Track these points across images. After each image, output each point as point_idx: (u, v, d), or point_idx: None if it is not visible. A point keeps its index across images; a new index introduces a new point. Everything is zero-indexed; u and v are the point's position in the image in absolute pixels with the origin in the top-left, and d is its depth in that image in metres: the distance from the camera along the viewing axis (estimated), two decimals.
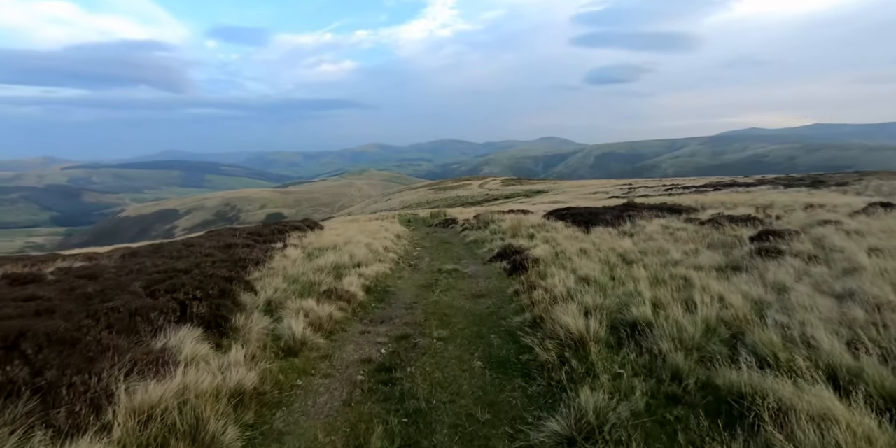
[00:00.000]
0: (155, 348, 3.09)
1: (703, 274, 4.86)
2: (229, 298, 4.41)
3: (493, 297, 5.71)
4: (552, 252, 7.10)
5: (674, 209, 11.92)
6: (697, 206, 14.71)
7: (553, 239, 8.54)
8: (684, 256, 6.13)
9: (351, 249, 8.26)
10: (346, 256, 7.52)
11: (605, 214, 11.05)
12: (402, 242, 12.44)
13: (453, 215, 20.98)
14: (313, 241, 10.14)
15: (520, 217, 13.10)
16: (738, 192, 24.88)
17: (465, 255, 9.72)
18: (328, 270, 6.55)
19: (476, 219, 15.38)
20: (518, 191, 62.51)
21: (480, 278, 6.84)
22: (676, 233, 8.20)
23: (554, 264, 6.16)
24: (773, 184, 31.63)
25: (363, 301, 5.57)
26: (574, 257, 6.42)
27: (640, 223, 9.60)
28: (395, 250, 10.31)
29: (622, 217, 10.58)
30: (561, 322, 3.36)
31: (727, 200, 16.53)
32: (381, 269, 7.36)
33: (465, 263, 8.41)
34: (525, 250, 7.52)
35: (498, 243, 9.35)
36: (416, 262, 9.32)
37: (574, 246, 7.30)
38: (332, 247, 8.86)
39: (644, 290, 4.07)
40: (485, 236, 11.28)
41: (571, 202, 29.99)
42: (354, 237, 10.78)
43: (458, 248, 11.15)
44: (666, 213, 10.94)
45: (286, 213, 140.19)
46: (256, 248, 8.81)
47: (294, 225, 14.08)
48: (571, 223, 10.75)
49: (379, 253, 9.03)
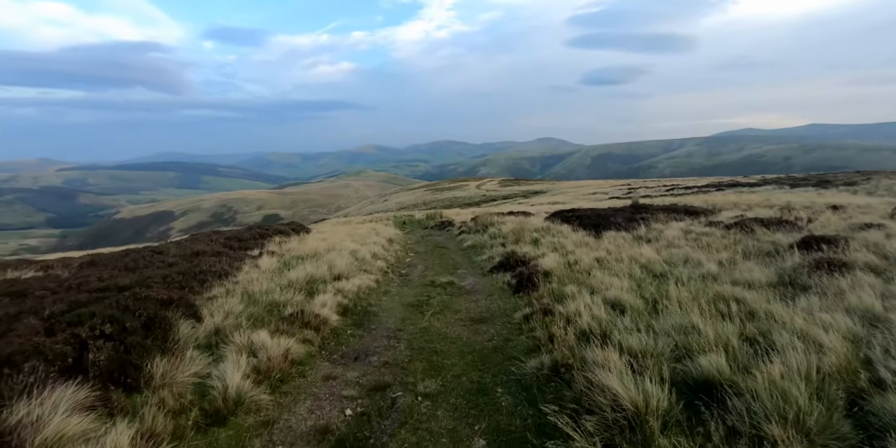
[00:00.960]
0: (5, 425, 2.09)
1: (758, 295, 3.89)
2: (158, 331, 3.40)
3: (496, 322, 4.69)
4: (563, 262, 6.10)
5: (688, 211, 10.98)
6: (709, 207, 13.78)
7: (561, 245, 7.56)
8: (721, 268, 5.16)
9: (333, 258, 7.25)
10: (324, 267, 6.50)
11: (614, 217, 10.08)
12: (394, 248, 11.43)
13: (450, 217, 19.99)
14: (294, 247, 9.12)
15: (521, 220, 12.13)
16: (744, 193, 24.03)
17: (463, 262, 8.73)
18: (300, 286, 5.54)
19: (474, 221, 14.39)
20: (515, 192, 61.68)
21: (480, 295, 5.85)
22: (701, 238, 7.24)
23: (569, 280, 5.15)
24: (778, 184, 30.83)
25: (337, 327, 4.54)
26: (591, 270, 5.42)
27: (655, 227, 8.63)
28: (384, 257, 9.30)
29: (634, 220, 9.61)
30: (602, 384, 2.33)
31: (739, 201, 15.63)
32: (366, 281, 6.35)
33: (462, 274, 7.42)
34: (531, 260, 6.53)
35: (499, 250, 8.36)
36: (408, 270, 8.32)
37: (588, 255, 6.31)
38: (312, 255, 7.85)
39: (699, 322, 3.07)
40: (483, 241, 10.28)
41: (571, 203, 29.06)
42: (340, 243, 9.77)
43: (454, 254, 10.16)
44: (682, 216, 9.99)
45: (283, 214, 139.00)
46: (226, 257, 7.78)
47: (278, 229, 13.05)
48: (578, 227, 9.78)
49: (365, 261, 8.02)
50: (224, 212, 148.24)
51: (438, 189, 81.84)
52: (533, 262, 6.28)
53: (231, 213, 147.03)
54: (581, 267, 5.64)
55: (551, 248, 7.46)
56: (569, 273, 5.45)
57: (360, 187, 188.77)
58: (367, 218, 27.48)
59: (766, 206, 13.85)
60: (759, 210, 11.72)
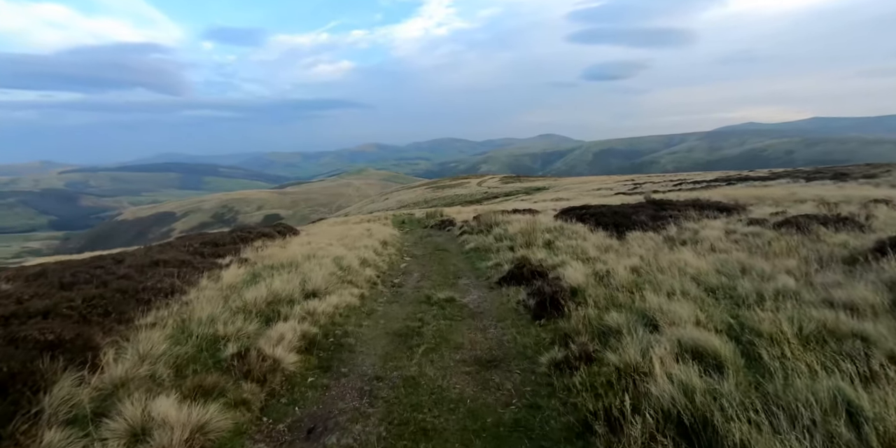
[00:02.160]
0: None
1: (884, 329, 2.73)
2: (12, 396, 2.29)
3: (513, 369, 3.43)
4: (591, 273, 4.89)
5: (718, 207, 9.78)
6: (732, 202, 12.58)
7: (582, 250, 6.38)
8: (799, 283, 4.00)
9: (311, 268, 6.10)
10: (297, 280, 5.34)
11: (636, 214, 8.90)
12: (389, 251, 10.29)
13: (451, 215, 18.82)
14: (273, 253, 7.99)
15: (529, 219, 10.95)
16: (758, 187, 22.75)
17: (465, 269, 7.57)
18: (258, 308, 4.40)
19: (476, 220, 13.23)
20: (517, 188, 60.42)
21: (487, 318, 4.65)
22: (748, 240, 6.07)
23: (606, 301, 3.94)
24: (792, 177, 29.52)
25: (294, 372, 3.35)
26: (631, 285, 4.24)
27: (688, 226, 7.45)
28: (376, 264, 8.15)
29: (660, 218, 8.44)
30: None
31: (762, 195, 14.42)
32: (347, 298, 5.19)
33: (465, 285, 6.26)
34: (549, 269, 5.36)
35: (507, 255, 7.18)
36: (402, 279, 7.18)
37: (618, 263, 5.13)
38: (288, 263, 6.70)
39: (848, 392, 1.93)
40: (488, 243, 9.12)
41: (576, 200, 27.84)
42: (326, 248, 8.62)
43: (455, 258, 9.01)
44: (714, 212, 8.80)
45: (283, 214, 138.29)
46: (187, 268, 6.64)
47: (262, 231, 11.92)
48: (595, 226, 8.61)
49: (351, 270, 6.87)
50: (225, 212, 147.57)
51: (439, 187, 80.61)
52: (552, 274, 5.11)
53: (232, 213, 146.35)
54: (617, 281, 4.45)
55: (570, 253, 6.28)
56: (604, 291, 4.24)
57: (361, 186, 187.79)
58: (365, 217, 26.33)
59: (796, 201, 12.65)
60: (797, 206, 10.51)
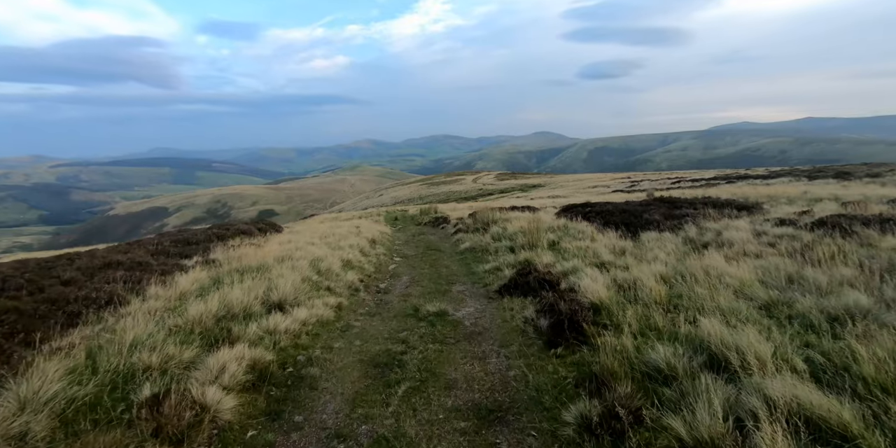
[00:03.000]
0: None
1: None
2: None
3: (526, 429, 2.52)
4: (612, 283, 4.08)
5: (735, 206, 9.04)
6: (742, 200, 11.89)
7: (594, 253, 5.60)
8: (872, 298, 3.24)
9: (280, 273, 5.25)
10: (261, 288, 4.49)
11: (647, 213, 8.13)
12: (377, 251, 9.47)
13: (445, 212, 18.01)
14: (246, 253, 7.13)
15: (529, 217, 10.17)
16: (759, 185, 22.13)
17: (459, 273, 6.77)
18: (204, 327, 3.57)
19: (472, 218, 12.43)
20: (513, 185, 59.68)
21: (488, 342, 3.82)
22: (783, 243, 5.32)
23: (641, 323, 3.12)
24: (794, 176, 29.00)
25: (229, 424, 2.51)
26: (667, 301, 3.43)
27: (708, 226, 6.70)
28: (361, 266, 7.33)
29: (675, 217, 7.68)
30: None
31: (774, 193, 13.74)
32: (318, 311, 4.36)
33: (460, 294, 5.46)
34: (559, 277, 4.54)
35: (507, 258, 6.38)
36: (389, 284, 6.37)
37: (642, 270, 4.35)
38: (258, 266, 5.86)
39: None
40: (485, 243, 8.31)
41: (573, 197, 27.14)
42: (306, 247, 7.77)
43: (449, 259, 8.22)
44: (732, 211, 8.05)
45: (278, 209, 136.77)
46: (141, 272, 5.77)
47: (241, 229, 11.03)
48: (603, 225, 7.84)
49: (331, 274, 6.04)
50: (219, 208, 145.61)
51: (434, 183, 79.64)
52: (564, 283, 4.29)
53: (226, 208, 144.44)
54: (646, 294, 3.65)
55: (581, 256, 5.49)
56: (636, 309, 3.39)
57: (355, 182, 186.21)
58: (357, 214, 25.44)
59: (813, 200, 11.98)
60: (819, 205, 9.80)
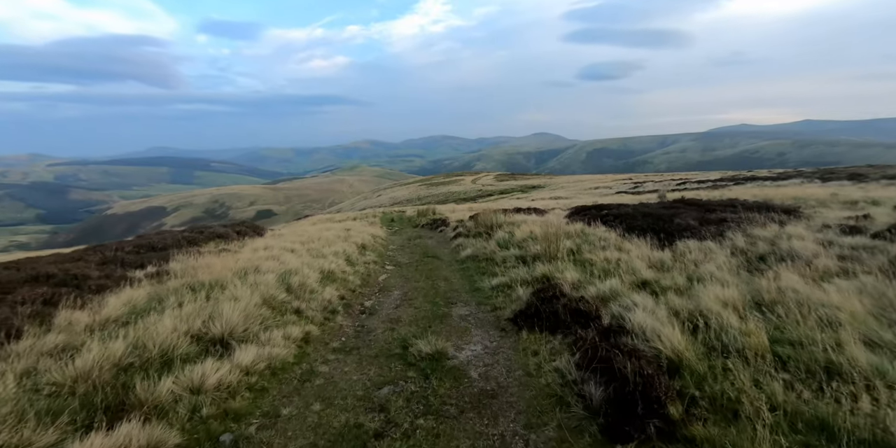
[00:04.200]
0: None
1: None
2: None
3: None
4: (671, 314, 2.99)
5: (769, 209, 7.97)
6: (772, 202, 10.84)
7: (628, 266, 4.50)
8: None
9: (234, 294, 4.15)
10: (202, 316, 3.38)
11: (678, 217, 7.06)
12: (367, 258, 8.37)
13: (444, 214, 16.92)
14: (209, 263, 6.04)
15: (538, 219, 9.09)
16: (771, 187, 21.11)
17: (461, 289, 5.67)
18: (97, 381, 2.49)
19: (473, 221, 11.35)
20: (513, 186, 58.68)
21: (507, 416, 2.62)
22: (869, 257, 4.26)
23: (748, 398, 2.06)
24: (806, 177, 28.01)
25: None
26: (763, 349, 2.37)
27: (757, 234, 5.63)
28: (344, 278, 6.24)
29: (710, 221, 6.61)
30: None
31: (799, 195, 12.69)
32: (274, 350, 3.22)
33: (462, 320, 4.36)
34: (598, 306, 3.36)
35: (519, 272, 5.25)
36: (374, 304, 5.28)
37: (705, 294, 3.26)
38: (214, 282, 4.76)
39: None
40: (490, 251, 7.22)
41: (576, 198, 26.10)
42: (282, 255, 6.66)
43: (448, 269, 7.14)
44: (773, 215, 6.97)
45: (276, 209, 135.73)
46: (70, 288, 4.68)
47: (217, 232, 9.91)
48: (627, 231, 6.76)
49: (304, 291, 4.94)
50: (217, 207, 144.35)
51: (433, 184, 78.56)
52: (607, 316, 3.15)
53: (223, 208, 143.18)
54: (734, 338, 2.55)
55: (613, 272, 4.40)
56: (735, 371, 2.29)
57: (354, 182, 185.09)
58: (352, 215, 24.31)
59: (846, 202, 10.94)
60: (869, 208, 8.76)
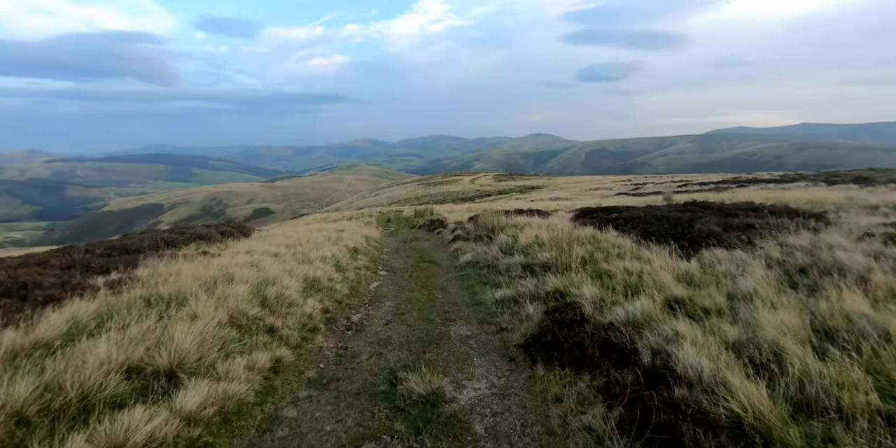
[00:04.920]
0: None
1: None
2: None
3: None
4: (723, 348, 2.39)
5: (788, 213, 7.41)
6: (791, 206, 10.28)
7: (656, 281, 3.89)
8: None
9: (194, 311, 3.53)
10: (148, 340, 2.77)
11: (698, 222, 6.47)
12: (358, 263, 7.76)
13: (442, 214, 16.31)
14: (179, 269, 5.41)
15: (543, 222, 8.49)
16: (777, 190, 20.61)
17: (461, 302, 5.07)
18: None
19: (473, 222, 10.75)
20: (511, 186, 58.14)
21: None
22: None
23: None
24: (810, 180, 27.53)
25: None
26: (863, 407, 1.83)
27: (791, 242, 5.05)
28: (331, 286, 5.63)
29: (735, 227, 6.03)
30: None
31: (815, 199, 12.15)
32: (233, 386, 2.59)
33: (463, 347, 3.72)
34: (631, 335, 2.72)
35: (527, 284, 4.63)
36: (363, 316, 4.67)
37: (764, 320, 2.68)
38: (175, 295, 4.14)
39: None
40: (492, 257, 6.62)
41: (576, 199, 25.52)
42: (262, 261, 6.03)
43: (445, 276, 6.54)
44: (799, 221, 6.40)
45: (273, 208, 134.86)
46: (13, 299, 4.04)
47: (199, 233, 9.25)
48: (642, 237, 6.18)
49: (281, 304, 4.33)
50: (214, 205, 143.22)
51: (431, 183, 77.94)
52: (645, 350, 2.55)
53: (221, 206, 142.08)
54: (831, 393, 1.98)
55: (637, 286, 3.81)
56: None
57: (352, 181, 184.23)
58: (349, 214, 23.65)
59: (865, 207, 10.40)
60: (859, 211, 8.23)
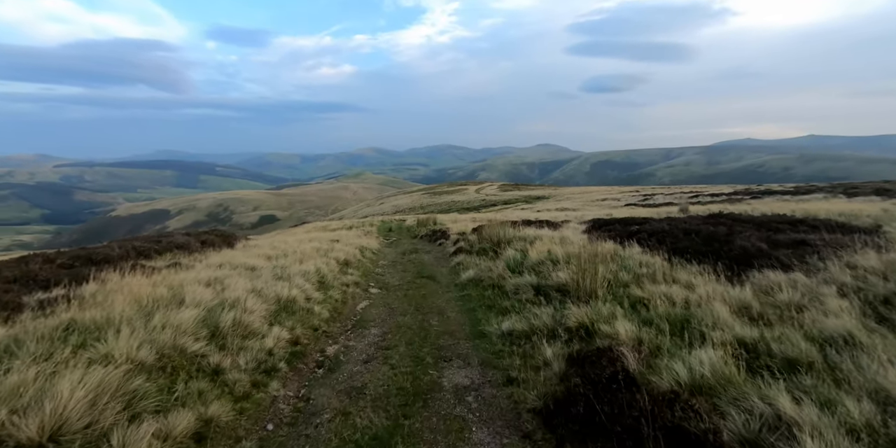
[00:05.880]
0: None
1: None
2: None
3: None
4: (850, 436, 1.56)
5: (828, 227, 6.50)
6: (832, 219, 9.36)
7: (710, 316, 3.04)
8: None
9: (113, 349, 2.73)
10: (5, 407, 1.96)
11: (738, 237, 5.59)
12: (348, 278, 6.93)
13: (445, 224, 15.51)
14: (132, 285, 4.62)
15: (553, 235, 7.64)
16: (793, 202, 19.58)
17: (459, 332, 4.21)
18: None
19: (477, 234, 9.91)
20: (517, 196, 57.32)
21: None
22: None
23: None
24: (829, 192, 26.45)
25: None
26: None
27: (859, 262, 4.17)
28: (308, 308, 4.81)
29: (783, 245, 5.15)
30: None
31: (844, 211, 11.22)
32: None
33: (456, 407, 2.81)
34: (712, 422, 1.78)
35: (542, 315, 3.72)
36: (337, 353, 3.83)
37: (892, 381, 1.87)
38: (100, 324, 3.32)
39: None
40: (497, 275, 5.77)
41: (583, 210, 24.60)
42: (227, 279, 5.22)
43: (444, 297, 5.69)
44: (850, 236, 5.50)
45: (279, 215, 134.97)
46: None
47: (177, 242, 8.47)
48: (671, 253, 5.30)
49: (236, 333, 3.51)
50: (220, 211, 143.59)
51: (436, 193, 77.34)
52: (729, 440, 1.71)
53: (227, 212, 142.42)
54: None
55: (690, 321, 2.94)
56: None
57: (358, 190, 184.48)
58: (350, 223, 22.88)
59: None
60: None
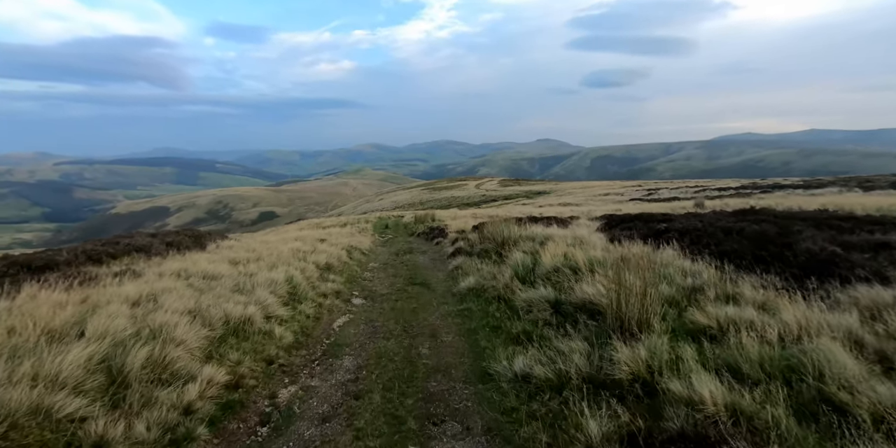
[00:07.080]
0: None
1: None
2: None
3: None
4: None
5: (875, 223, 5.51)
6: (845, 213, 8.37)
7: (828, 363, 2.09)
8: None
9: None
10: None
11: (801, 238, 4.61)
12: (327, 286, 5.96)
13: (444, 221, 14.50)
14: (50, 301, 3.66)
15: (565, 234, 6.64)
16: (806, 196, 18.54)
17: (456, 370, 3.21)
18: None
19: (478, 232, 8.91)
20: (517, 192, 56.23)
21: None
22: None
23: None
24: (843, 186, 25.40)
25: None
26: None
27: None
28: (266, 333, 3.84)
29: (855, 247, 4.17)
30: None
31: (882, 205, 10.26)
32: None
33: None
34: None
35: (569, 351, 2.69)
36: (292, 398, 2.87)
37: None
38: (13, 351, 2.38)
39: None
40: (503, 284, 4.79)
41: (587, 205, 23.60)
42: (166, 293, 4.23)
43: (438, 313, 4.72)
44: None
45: (279, 211, 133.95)
46: None
47: (137, 245, 7.43)
48: (715, 258, 4.32)
49: (150, 379, 2.56)
50: (220, 208, 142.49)
51: (436, 188, 76.19)
52: None
53: (227, 209, 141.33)
54: None
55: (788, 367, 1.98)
56: None
57: (358, 186, 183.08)
58: (345, 220, 21.85)
59: None
60: None
